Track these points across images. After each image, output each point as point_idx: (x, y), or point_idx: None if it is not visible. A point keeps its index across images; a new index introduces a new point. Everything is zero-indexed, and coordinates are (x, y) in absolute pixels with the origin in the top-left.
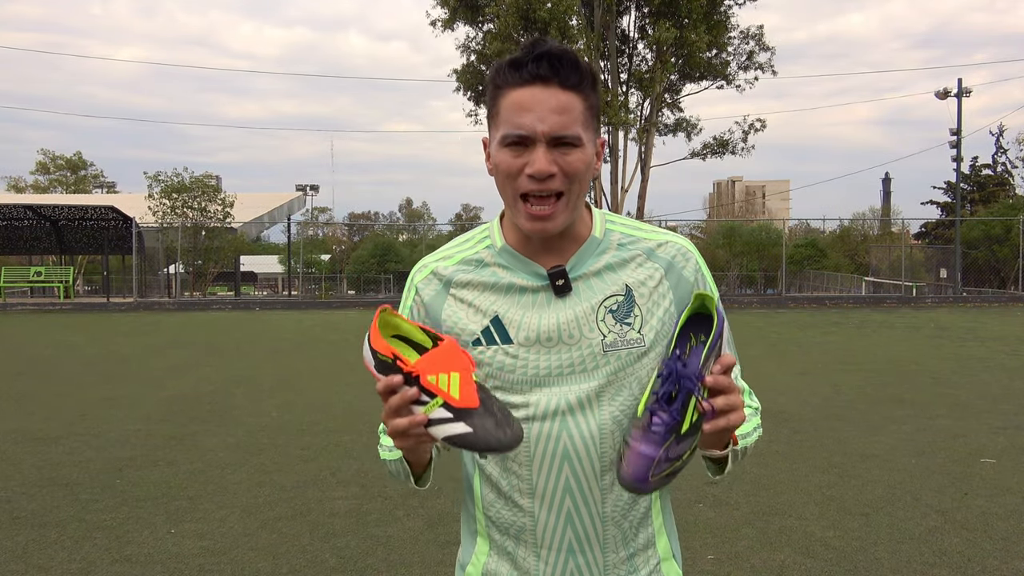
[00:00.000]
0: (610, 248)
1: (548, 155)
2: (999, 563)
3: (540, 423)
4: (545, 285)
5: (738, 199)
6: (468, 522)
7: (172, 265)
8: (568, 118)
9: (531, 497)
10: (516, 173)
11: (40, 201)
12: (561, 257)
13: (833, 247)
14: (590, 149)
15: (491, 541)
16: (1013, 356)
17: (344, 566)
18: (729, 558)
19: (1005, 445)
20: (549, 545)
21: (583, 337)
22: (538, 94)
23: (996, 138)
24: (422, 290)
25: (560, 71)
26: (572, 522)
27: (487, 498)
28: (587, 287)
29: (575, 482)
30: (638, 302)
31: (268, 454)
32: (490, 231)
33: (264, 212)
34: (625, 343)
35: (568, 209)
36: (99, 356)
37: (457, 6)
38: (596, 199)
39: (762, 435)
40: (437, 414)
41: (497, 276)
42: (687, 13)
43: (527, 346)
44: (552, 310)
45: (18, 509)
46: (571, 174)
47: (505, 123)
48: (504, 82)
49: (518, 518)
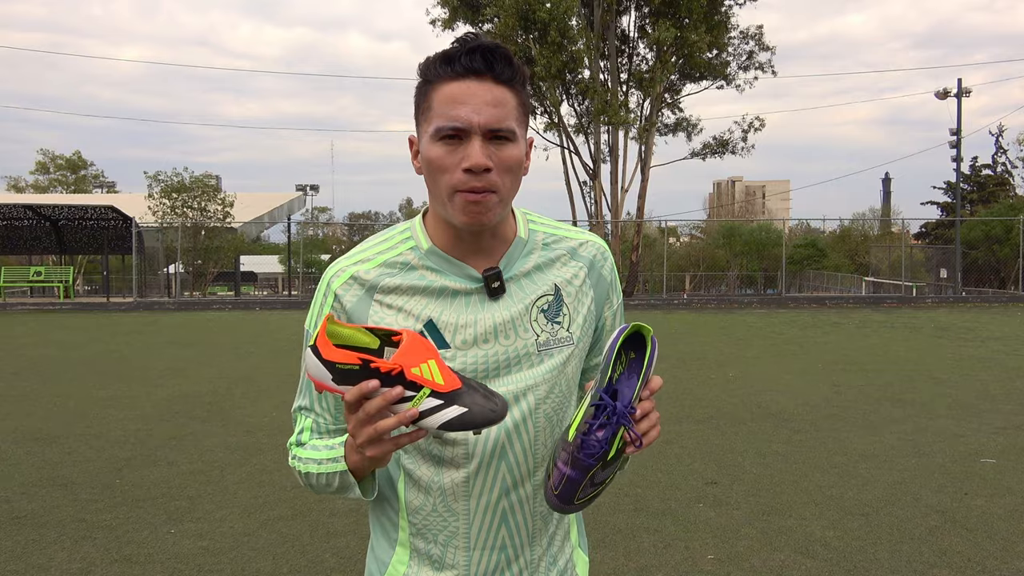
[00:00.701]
0: (536, 248)
1: (484, 148)
2: (999, 563)
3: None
4: (478, 287)
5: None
6: (386, 527)
7: (172, 265)
8: (503, 111)
9: (467, 499)
10: (451, 167)
11: (40, 201)
12: (490, 258)
13: (833, 247)
14: (522, 146)
15: (413, 550)
16: (1013, 356)
17: (344, 566)
18: (729, 558)
19: (1005, 445)
20: (482, 546)
21: (518, 337)
22: (473, 87)
23: (996, 138)
24: (342, 296)
25: (494, 65)
26: (507, 521)
27: (413, 504)
28: (519, 288)
29: (511, 480)
30: (566, 301)
31: (268, 454)
32: (412, 232)
33: (264, 212)
34: (557, 342)
35: (502, 204)
36: (99, 356)
37: (457, 6)
38: (596, 199)
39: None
40: (426, 404)
41: (427, 279)
42: (687, 13)
43: (464, 349)
44: (487, 312)
45: (18, 509)
46: (506, 168)
47: (438, 116)
48: (435, 76)
49: (449, 523)
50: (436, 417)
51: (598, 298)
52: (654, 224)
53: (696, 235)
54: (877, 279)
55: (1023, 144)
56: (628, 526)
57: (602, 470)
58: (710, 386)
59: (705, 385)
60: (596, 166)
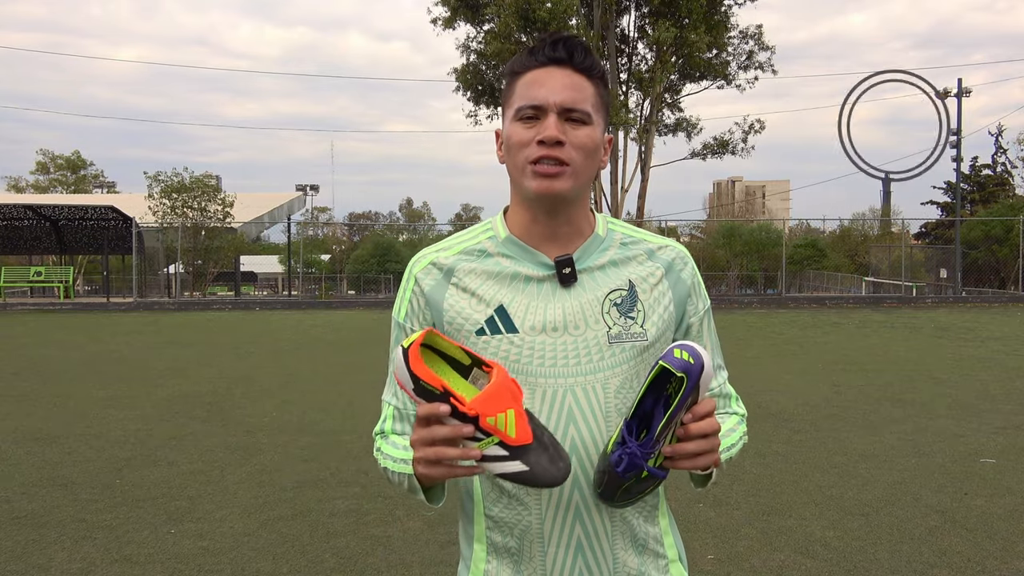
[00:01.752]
0: (613, 245)
1: (559, 124)
2: (999, 563)
3: (547, 413)
4: (551, 275)
5: (738, 199)
6: (466, 526)
7: (172, 265)
8: (579, 95)
9: (538, 493)
10: (527, 142)
11: (40, 201)
12: (566, 248)
13: (833, 247)
14: (599, 133)
15: (490, 544)
16: (1013, 356)
17: (344, 566)
18: (729, 558)
19: (1005, 445)
20: (557, 542)
21: (588, 328)
22: (553, 72)
23: (996, 138)
24: (422, 280)
25: (574, 55)
26: (581, 517)
27: (489, 496)
28: (592, 279)
29: (583, 475)
30: (641, 297)
31: (268, 454)
32: (492, 224)
33: (264, 212)
34: (629, 336)
35: (575, 178)
36: (99, 356)
37: (458, 6)
38: (596, 199)
39: (762, 435)
40: (491, 451)
41: (501, 265)
42: (687, 13)
43: (532, 335)
44: (557, 300)
45: (18, 509)
46: (579, 146)
47: (520, 98)
48: (521, 68)
49: (523, 516)
50: (497, 466)
51: (678, 301)
52: (654, 224)
53: (696, 235)
54: (877, 279)
55: (1023, 144)
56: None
57: (636, 483)
58: None
59: None
60: None
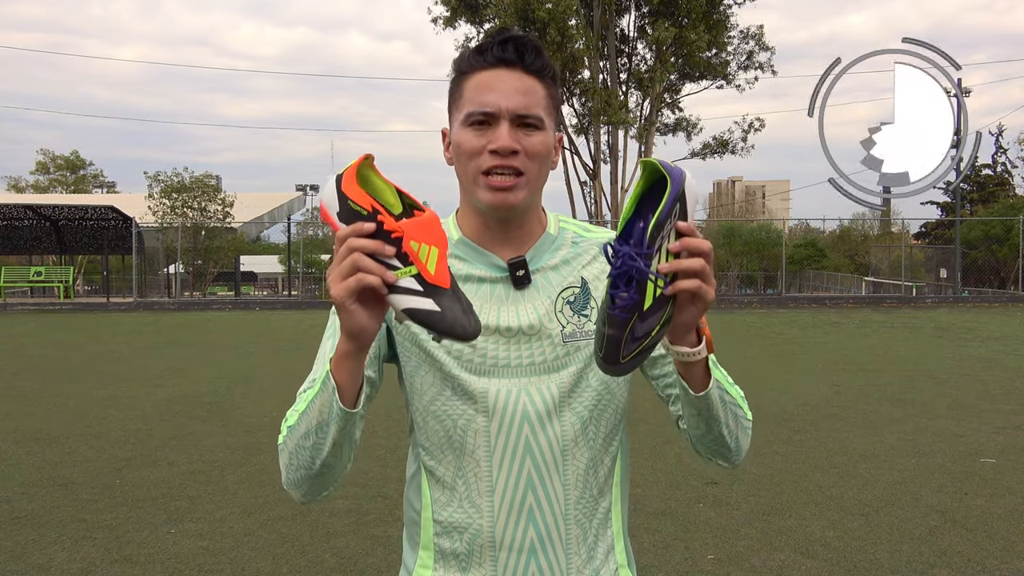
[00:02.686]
0: (565, 244)
1: (512, 133)
2: (999, 563)
3: (500, 415)
4: (504, 276)
5: (738, 199)
6: (412, 533)
7: (172, 265)
8: (532, 99)
9: (490, 495)
10: (478, 151)
11: (40, 201)
12: (518, 249)
13: (833, 247)
14: (551, 135)
15: (437, 551)
16: (1013, 356)
17: (344, 566)
18: (729, 558)
19: (1005, 445)
20: (509, 546)
21: (543, 327)
22: (503, 75)
23: (996, 138)
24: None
25: (525, 56)
26: (534, 519)
27: (438, 501)
28: (545, 279)
29: (537, 476)
30: (594, 294)
31: (268, 454)
32: (445, 226)
33: (264, 212)
34: (583, 334)
35: (528, 188)
36: (99, 356)
37: (457, 5)
38: (596, 199)
39: (762, 435)
40: (405, 283)
41: (454, 268)
42: (686, 13)
43: (486, 336)
44: (511, 301)
45: (18, 509)
46: (533, 154)
47: (468, 103)
48: (468, 67)
49: (474, 520)
50: (406, 299)
51: None
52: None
53: None
54: (877, 279)
55: (1023, 144)
56: (628, 526)
57: (640, 322)
58: None
59: None
60: (596, 166)
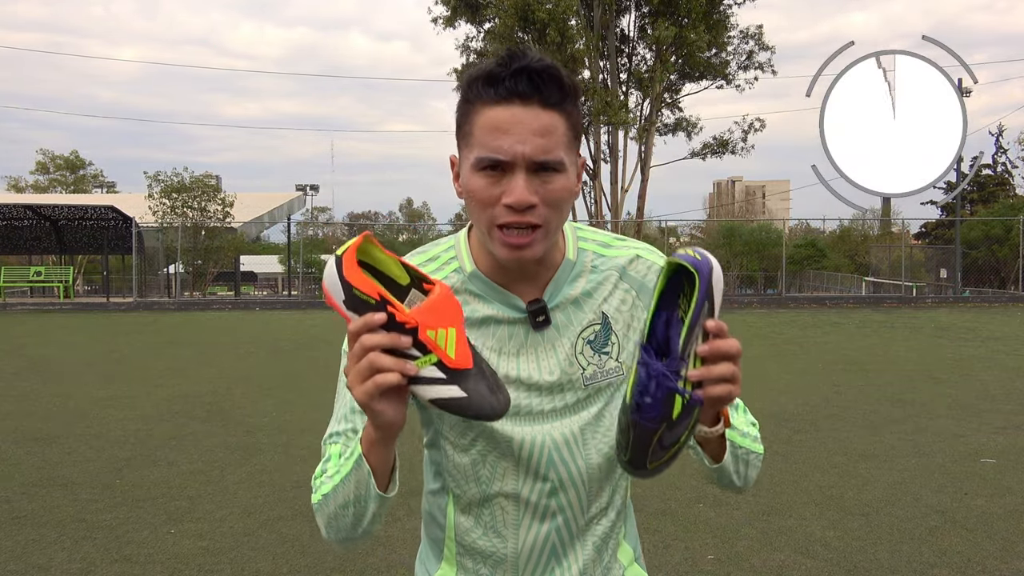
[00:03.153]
0: (584, 271)
1: (528, 184)
2: (999, 563)
3: (526, 460)
4: (522, 318)
5: (738, 199)
6: (435, 542)
7: (172, 265)
8: (551, 141)
9: (516, 529)
10: (492, 201)
11: (40, 201)
12: (536, 285)
13: (833, 247)
14: (572, 173)
15: (459, 567)
16: (1013, 356)
17: (344, 566)
18: (729, 558)
19: (1005, 445)
20: (532, 571)
21: (563, 372)
22: (518, 114)
23: (996, 138)
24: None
25: (542, 88)
26: (556, 555)
27: (462, 526)
28: (565, 317)
29: (562, 518)
30: (614, 328)
31: (268, 454)
32: (457, 252)
33: (264, 212)
34: (604, 374)
35: (547, 239)
36: (99, 356)
37: (458, 5)
38: (596, 199)
39: (762, 435)
40: (427, 372)
41: (470, 307)
42: (686, 12)
43: (507, 383)
44: (530, 345)
45: (18, 509)
46: (552, 203)
47: (480, 145)
48: (478, 98)
49: (498, 548)
50: (432, 389)
51: None
52: (654, 224)
53: (696, 235)
54: (877, 279)
55: (1023, 144)
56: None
57: (669, 431)
58: None
59: None
60: (596, 166)
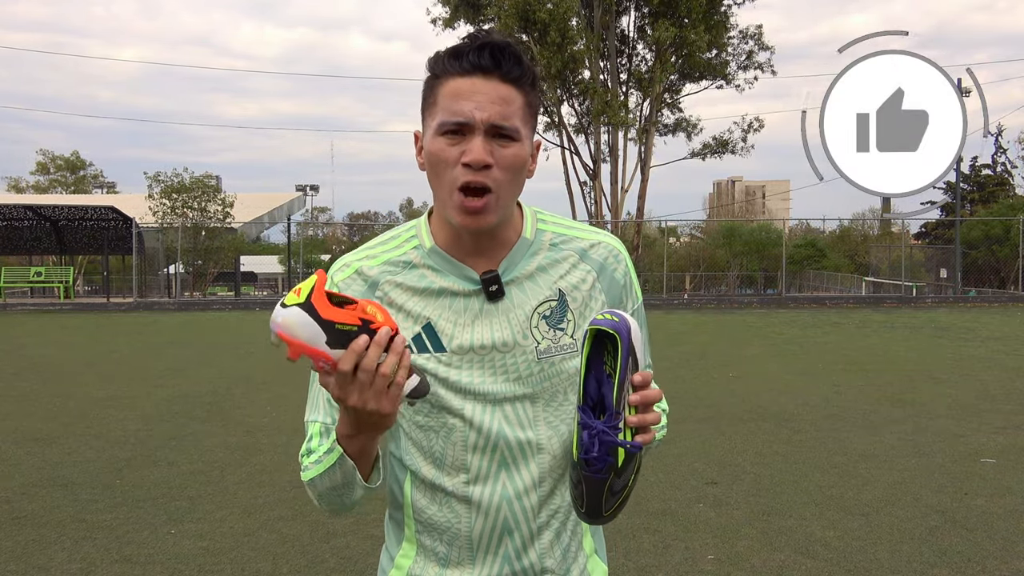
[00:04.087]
0: (542, 249)
1: (486, 145)
2: (999, 563)
3: (476, 433)
4: (477, 290)
5: (738, 199)
6: (395, 524)
7: (172, 265)
8: (508, 109)
9: (467, 503)
10: (451, 162)
11: (40, 201)
12: (492, 260)
13: (833, 247)
14: (527, 147)
15: (419, 545)
16: (1013, 356)
17: (344, 566)
18: (729, 558)
19: (1005, 445)
20: (485, 550)
21: (517, 345)
22: (479, 84)
23: (996, 138)
24: (344, 290)
25: (502, 63)
26: (510, 531)
27: (419, 503)
28: (520, 291)
29: (513, 489)
30: (571, 306)
31: (268, 454)
32: (417, 231)
33: (264, 212)
34: (559, 349)
35: (501, 206)
36: (99, 356)
37: (458, 4)
38: (596, 199)
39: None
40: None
41: (427, 280)
42: (686, 13)
43: (460, 354)
44: (485, 316)
45: (18, 509)
46: (507, 167)
47: (442, 111)
48: (443, 71)
49: (452, 524)
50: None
51: (611, 302)
52: (654, 224)
53: (696, 235)
54: (877, 279)
55: (1023, 144)
56: (628, 526)
57: (617, 478)
58: (711, 386)
59: (706, 385)
60: (596, 166)
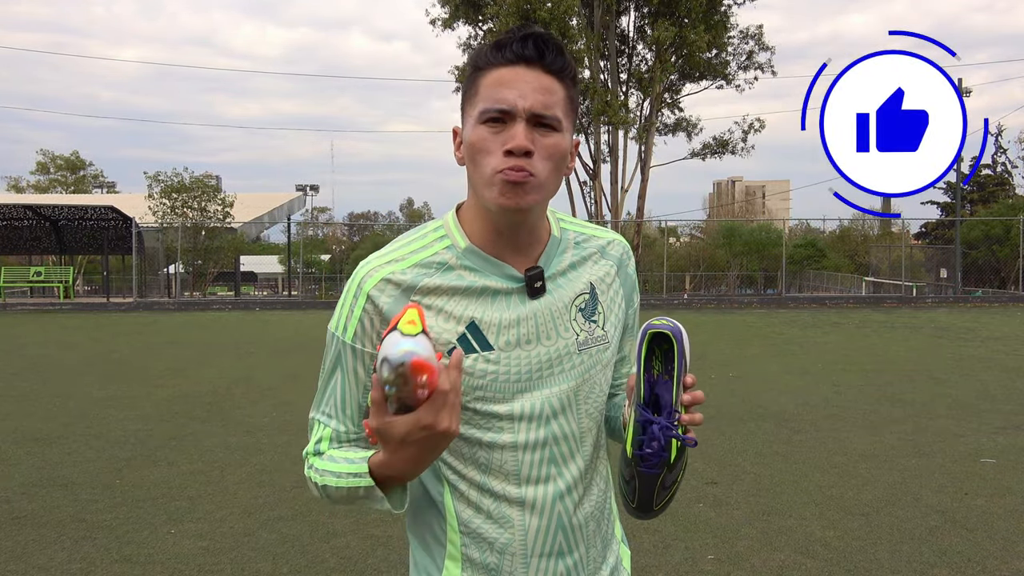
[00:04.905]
0: (569, 246)
1: (528, 133)
2: (999, 563)
3: (526, 432)
4: (519, 287)
5: (738, 199)
6: (431, 544)
7: (172, 265)
8: (551, 99)
9: (520, 505)
10: (493, 150)
11: (40, 201)
12: (528, 257)
13: (833, 247)
14: (568, 140)
15: (466, 561)
16: (1013, 356)
17: (344, 566)
18: (729, 558)
19: (1005, 445)
20: (539, 552)
21: (559, 337)
22: (521, 72)
23: (995, 138)
24: (376, 297)
25: (545, 54)
26: (563, 526)
27: (463, 515)
28: (557, 287)
29: (564, 486)
30: (600, 299)
31: (268, 454)
32: (447, 230)
33: (264, 212)
34: (594, 340)
35: (540, 193)
36: (99, 356)
37: (458, 4)
38: (596, 199)
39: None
40: None
41: (466, 280)
42: (686, 13)
43: (507, 351)
44: (528, 311)
45: (18, 509)
46: (548, 156)
47: (484, 99)
48: (485, 63)
49: (504, 530)
50: None
51: (627, 297)
52: (654, 224)
53: (696, 235)
54: (877, 279)
55: (1023, 144)
56: (628, 526)
57: (669, 473)
58: (711, 386)
59: (706, 385)
60: (596, 166)
